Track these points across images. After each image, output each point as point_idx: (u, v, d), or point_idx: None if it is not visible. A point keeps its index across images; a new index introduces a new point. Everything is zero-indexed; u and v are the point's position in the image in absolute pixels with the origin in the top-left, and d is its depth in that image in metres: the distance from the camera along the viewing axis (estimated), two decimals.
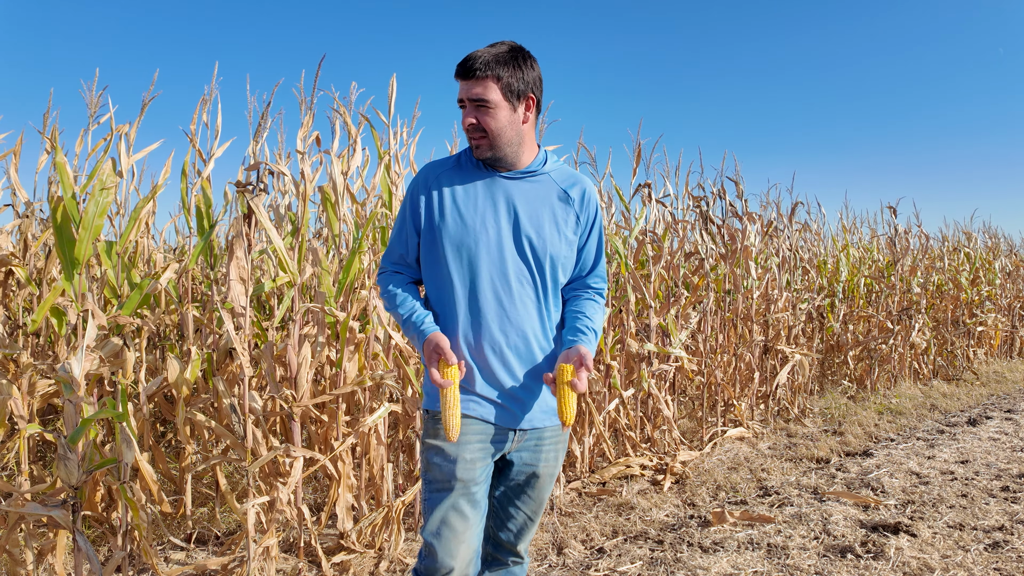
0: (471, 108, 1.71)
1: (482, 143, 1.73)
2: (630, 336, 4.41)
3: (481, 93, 1.68)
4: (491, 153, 1.74)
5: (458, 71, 1.71)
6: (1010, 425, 5.63)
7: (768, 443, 5.06)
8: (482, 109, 1.70)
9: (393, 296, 1.83)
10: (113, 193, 2.49)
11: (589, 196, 1.87)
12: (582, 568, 3.04)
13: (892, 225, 7.67)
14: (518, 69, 1.71)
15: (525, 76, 1.72)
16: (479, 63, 1.68)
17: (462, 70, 1.70)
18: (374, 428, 3.17)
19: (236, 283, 2.65)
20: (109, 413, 2.24)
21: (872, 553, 3.11)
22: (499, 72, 1.69)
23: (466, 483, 1.73)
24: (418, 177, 1.84)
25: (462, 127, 1.75)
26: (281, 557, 2.96)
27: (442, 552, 1.70)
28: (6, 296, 3.83)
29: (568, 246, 1.82)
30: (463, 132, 1.77)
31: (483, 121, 1.70)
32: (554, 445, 1.87)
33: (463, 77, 1.70)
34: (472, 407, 1.75)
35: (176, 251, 6.42)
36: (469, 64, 1.68)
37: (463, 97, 1.72)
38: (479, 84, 1.68)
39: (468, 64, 1.68)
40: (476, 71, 1.67)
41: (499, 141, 1.73)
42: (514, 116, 1.73)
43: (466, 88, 1.70)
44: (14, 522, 2.30)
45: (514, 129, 1.73)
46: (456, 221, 1.74)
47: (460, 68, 1.70)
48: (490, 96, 1.69)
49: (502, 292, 1.74)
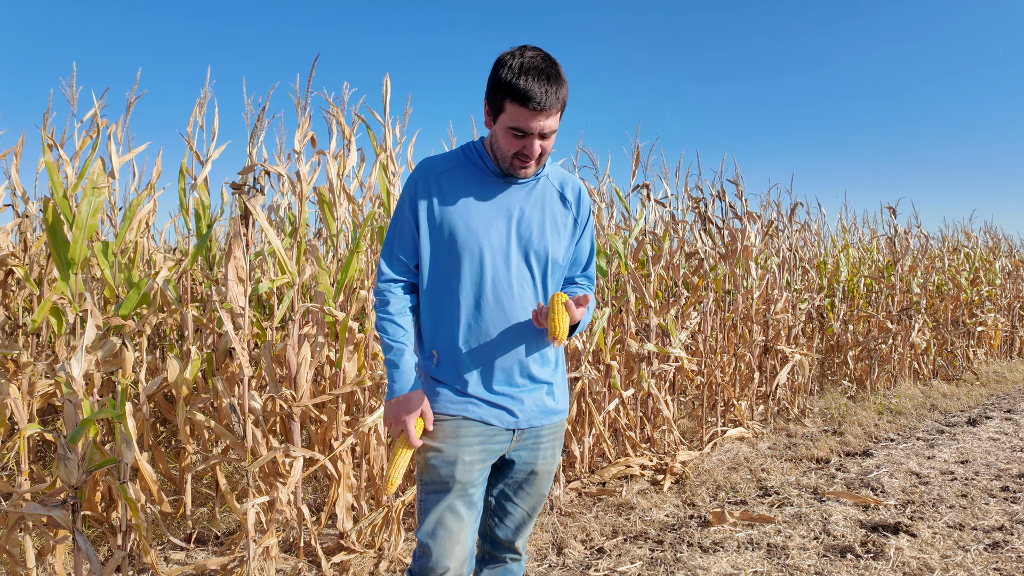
0: (538, 138, 1.67)
1: (533, 164, 1.72)
2: (630, 336, 4.41)
3: (553, 126, 1.66)
4: (536, 171, 1.76)
5: (530, 104, 1.61)
6: (1010, 425, 5.63)
7: (768, 443, 5.06)
8: (547, 137, 1.69)
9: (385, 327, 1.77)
10: (106, 193, 2.49)
11: (583, 197, 1.89)
12: (582, 568, 3.04)
13: (892, 225, 7.67)
14: (565, 86, 1.68)
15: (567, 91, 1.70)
16: (555, 95, 1.62)
17: (537, 104, 1.60)
18: (374, 428, 3.18)
19: (235, 283, 2.65)
20: (109, 413, 2.24)
21: (872, 553, 3.11)
22: (564, 96, 1.66)
23: (464, 485, 1.73)
24: (417, 174, 1.79)
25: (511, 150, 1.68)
26: (281, 557, 2.96)
27: (437, 552, 1.70)
28: (6, 296, 3.83)
29: (566, 249, 1.85)
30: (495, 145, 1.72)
31: (545, 147, 1.70)
32: (552, 442, 1.88)
33: (536, 111, 1.61)
34: (471, 409, 1.74)
35: (176, 251, 6.42)
36: (546, 99, 1.61)
37: (532, 130, 1.64)
38: (552, 117, 1.65)
39: (544, 99, 1.60)
40: (552, 105, 1.62)
41: (544, 160, 1.75)
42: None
43: (539, 122, 1.63)
44: (14, 522, 2.30)
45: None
46: (460, 224, 1.73)
47: (533, 102, 1.60)
48: (557, 123, 1.68)
49: (503, 295, 1.74)
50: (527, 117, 1.62)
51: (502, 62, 1.64)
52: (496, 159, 1.75)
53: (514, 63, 1.62)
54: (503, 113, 1.65)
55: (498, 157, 1.74)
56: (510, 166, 1.72)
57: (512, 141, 1.67)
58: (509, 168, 1.72)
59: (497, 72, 1.64)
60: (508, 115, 1.64)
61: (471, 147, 1.83)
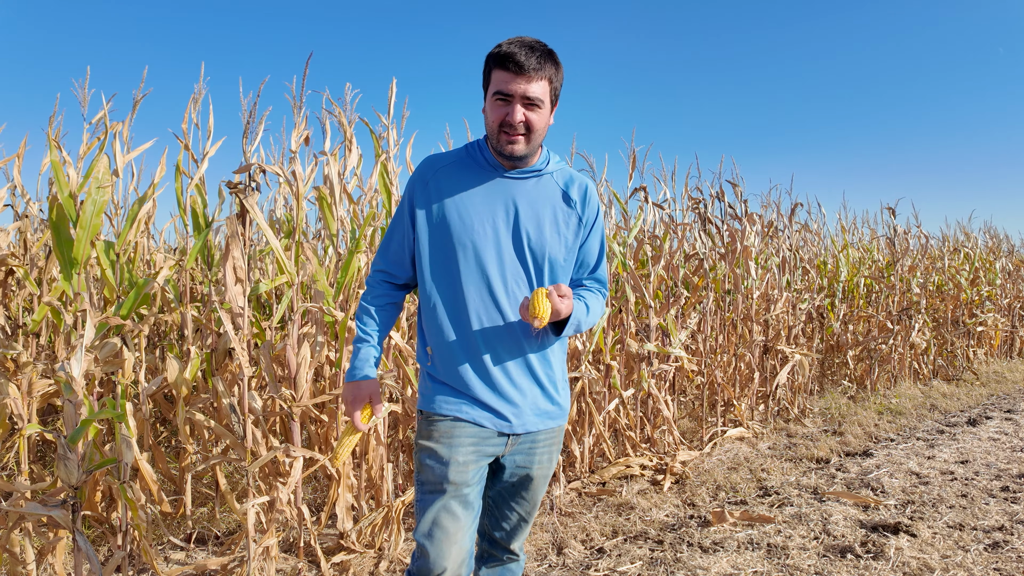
0: (521, 105, 1.65)
1: (521, 140, 1.68)
2: (630, 336, 4.41)
3: (538, 92, 1.64)
4: (526, 151, 1.70)
5: (510, 65, 1.61)
6: (1010, 425, 5.63)
7: (768, 443, 5.06)
8: (532, 108, 1.66)
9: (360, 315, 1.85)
10: (110, 191, 2.49)
11: (590, 196, 1.84)
12: (582, 568, 3.04)
13: (891, 225, 7.67)
14: (559, 70, 1.70)
15: (561, 77, 1.72)
16: (537, 61, 1.62)
17: (517, 66, 1.60)
18: (374, 428, 3.18)
19: (233, 283, 2.65)
20: (109, 413, 2.24)
21: (872, 553, 3.11)
22: (551, 72, 1.66)
23: (458, 485, 1.71)
24: (416, 172, 1.81)
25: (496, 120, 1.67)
26: (281, 557, 2.96)
27: (434, 553, 1.69)
28: (6, 296, 3.83)
29: (567, 249, 1.80)
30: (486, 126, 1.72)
31: (531, 120, 1.67)
32: (548, 448, 1.85)
33: (517, 72, 1.61)
34: (465, 410, 1.72)
35: (176, 251, 6.42)
36: (527, 61, 1.60)
37: (513, 92, 1.63)
38: (537, 83, 1.64)
39: (526, 60, 1.60)
40: (535, 69, 1.62)
41: (535, 140, 1.71)
42: (549, 117, 1.73)
43: (521, 85, 1.62)
44: (14, 522, 2.30)
45: (545, 129, 1.74)
46: (454, 220, 1.72)
47: (513, 63, 1.61)
48: (543, 96, 1.66)
49: (498, 294, 1.71)
50: (508, 80, 1.63)
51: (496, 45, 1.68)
52: (492, 147, 1.74)
53: (505, 41, 1.66)
54: (490, 85, 1.68)
55: (489, 138, 1.73)
56: (498, 141, 1.69)
57: (497, 110, 1.66)
58: (497, 144, 1.69)
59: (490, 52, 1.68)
60: (493, 83, 1.66)
61: (474, 144, 1.82)
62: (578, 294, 1.84)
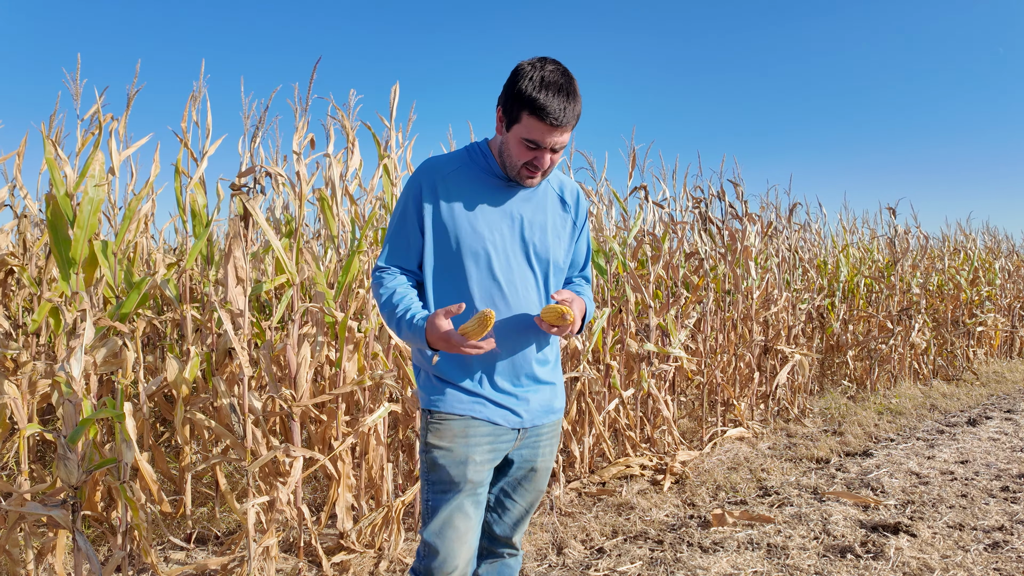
0: (549, 152, 1.69)
1: (540, 176, 1.75)
2: (630, 336, 4.41)
3: (565, 141, 1.69)
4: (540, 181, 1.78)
5: (547, 119, 1.62)
6: (1010, 425, 5.63)
7: (768, 443, 5.06)
8: (558, 152, 1.72)
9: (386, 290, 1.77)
10: (106, 189, 2.49)
11: (580, 200, 1.94)
12: (582, 568, 3.04)
13: (892, 226, 7.68)
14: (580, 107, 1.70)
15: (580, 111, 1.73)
16: (570, 114, 1.65)
17: (553, 119, 1.62)
18: (374, 428, 3.17)
19: (234, 283, 2.65)
20: (108, 413, 2.24)
21: (872, 553, 3.11)
22: (576, 118, 1.69)
23: (475, 484, 1.75)
24: (421, 174, 1.79)
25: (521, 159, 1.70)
26: (281, 557, 2.96)
27: (444, 552, 1.72)
28: (6, 296, 3.83)
29: (566, 252, 1.90)
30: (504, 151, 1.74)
31: (554, 161, 1.73)
32: (550, 440, 1.92)
33: (553, 126, 1.64)
34: (478, 409, 1.76)
35: (176, 251, 6.42)
36: (562, 116, 1.63)
37: (545, 143, 1.66)
38: (566, 133, 1.68)
39: (562, 116, 1.63)
40: (568, 122, 1.65)
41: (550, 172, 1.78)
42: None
43: (553, 136, 1.65)
44: (14, 522, 2.30)
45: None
46: (466, 226, 1.74)
47: (551, 117, 1.62)
48: (568, 141, 1.71)
49: (509, 296, 1.76)
50: (543, 131, 1.64)
51: (522, 72, 1.65)
52: (503, 164, 1.77)
53: (534, 75, 1.63)
54: (518, 124, 1.66)
55: (506, 164, 1.75)
56: (518, 174, 1.74)
57: (524, 152, 1.69)
58: (516, 176, 1.75)
59: (516, 82, 1.64)
60: (524, 126, 1.66)
61: (475, 149, 1.83)
62: (579, 293, 1.95)
